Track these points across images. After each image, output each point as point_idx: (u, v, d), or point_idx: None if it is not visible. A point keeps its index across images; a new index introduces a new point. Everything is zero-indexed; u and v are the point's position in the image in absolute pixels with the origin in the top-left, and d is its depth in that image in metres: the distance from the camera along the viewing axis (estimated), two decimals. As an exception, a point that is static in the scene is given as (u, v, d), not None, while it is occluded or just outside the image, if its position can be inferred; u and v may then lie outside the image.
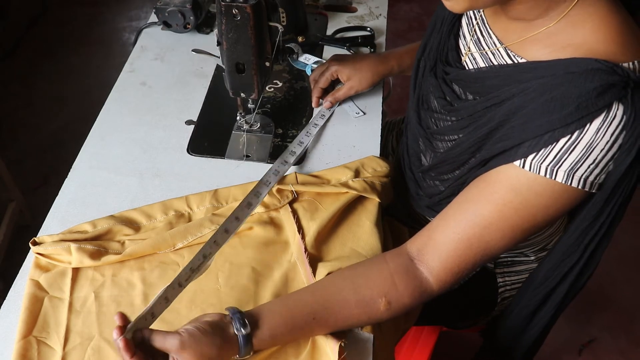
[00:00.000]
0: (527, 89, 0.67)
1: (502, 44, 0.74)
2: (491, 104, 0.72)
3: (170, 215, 0.87)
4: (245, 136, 1.01)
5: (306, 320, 0.70)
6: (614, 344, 1.65)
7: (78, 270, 0.81)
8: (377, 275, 0.73)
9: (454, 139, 0.80)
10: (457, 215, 0.72)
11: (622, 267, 1.77)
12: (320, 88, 1.06)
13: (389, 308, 0.72)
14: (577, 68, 0.63)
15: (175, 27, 1.21)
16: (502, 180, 0.69)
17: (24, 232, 1.69)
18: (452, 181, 0.82)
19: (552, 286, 0.80)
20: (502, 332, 0.93)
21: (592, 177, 0.65)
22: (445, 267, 0.73)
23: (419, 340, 1.14)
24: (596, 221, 0.71)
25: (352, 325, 0.74)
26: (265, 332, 0.68)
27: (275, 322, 0.69)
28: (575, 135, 0.63)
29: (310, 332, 0.72)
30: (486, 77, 0.75)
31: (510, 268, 1.02)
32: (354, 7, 1.31)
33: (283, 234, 0.86)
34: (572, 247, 0.75)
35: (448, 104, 0.81)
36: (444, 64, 0.83)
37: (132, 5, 2.73)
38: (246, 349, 0.67)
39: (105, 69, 2.36)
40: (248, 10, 0.80)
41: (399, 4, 2.76)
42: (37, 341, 0.73)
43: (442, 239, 0.73)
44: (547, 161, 0.65)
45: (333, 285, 0.73)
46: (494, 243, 0.71)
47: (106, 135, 1.01)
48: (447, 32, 0.84)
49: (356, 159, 0.96)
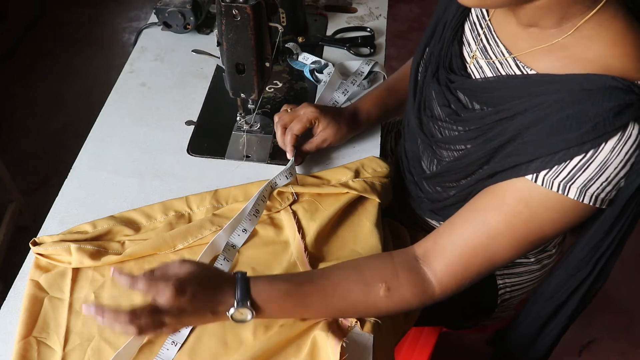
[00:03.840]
0: (540, 103, 0.66)
1: (510, 53, 0.73)
2: (502, 117, 0.70)
3: (171, 215, 0.87)
4: (245, 137, 1.01)
5: (305, 281, 0.72)
6: (614, 345, 1.65)
7: (78, 271, 0.81)
8: (380, 264, 0.75)
9: (460, 149, 0.79)
10: (465, 224, 0.72)
11: (622, 268, 1.77)
12: (296, 135, 0.91)
13: (388, 295, 0.72)
14: (593, 85, 0.62)
15: (175, 28, 1.21)
16: (513, 192, 0.69)
17: (23, 233, 1.69)
18: (457, 189, 0.82)
19: (562, 299, 0.80)
20: (512, 343, 0.93)
21: (604, 195, 0.65)
22: (449, 272, 0.73)
23: (419, 340, 1.14)
24: (607, 237, 0.71)
25: (349, 305, 0.73)
26: (264, 283, 0.69)
27: (274, 279, 0.71)
28: (590, 154, 0.62)
29: (308, 297, 0.72)
30: (495, 88, 0.73)
31: (510, 270, 1.02)
32: (353, 8, 1.31)
33: (283, 234, 0.86)
34: (583, 261, 0.75)
35: (454, 113, 0.79)
36: (447, 71, 0.81)
37: (131, 6, 2.73)
38: (242, 294, 0.67)
39: (105, 70, 2.36)
40: (248, 10, 0.80)
41: (399, 5, 2.76)
42: (37, 342, 0.73)
43: (447, 245, 0.73)
44: (560, 177, 0.64)
45: (336, 266, 0.76)
46: (500, 254, 0.71)
47: (106, 136, 1.01)
48: (450, 37, 0.82)
49: (356, 159, 0.96)
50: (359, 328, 0.75)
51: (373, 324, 0.76)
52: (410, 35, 2.60)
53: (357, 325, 0.75)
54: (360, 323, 0.75)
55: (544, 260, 1.01)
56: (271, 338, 0.73)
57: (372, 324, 0.76)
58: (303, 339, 0.74)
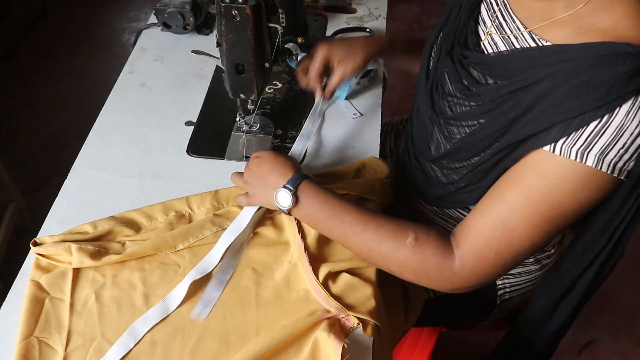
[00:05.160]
0: (555, 72, 0.66)
1: (525, 28, 0.73)
2: (517, 87, 0.71)
3: (171, 216, 0.87)
4: (245, 137, 1.02)
5: (349, 204, 0.78)
6: (613, 345, 1.65)
7: (78, 271, 0.81)
8: (418, 223, 0.77)
9: (473, 125, 0.78)
10: (484, 201, 0.73)
11: (622, 268, 1.76)
12: (318, 76, 0.99)
13: (414, 245, 0.73)
14: (608, 51, 0.63)
15: (175, 28, 1.21)
16: (530, 165, 0.69)
17: (23, 233, 1.69)
18: (467, 169, 0.81)
19: (578, 273, 0.79)
20: (525, 321, 0.91)
21: (621, 163, 0.64)
22: (470, 248, 0.72)
23: (419, 340, 1.14)
24: (623, 207, 0.70)
25: (377, 239, 0.75)
26: (315, 185, 0.79)
27: (325, 188, 0.80)
28: (605, 119, 0.63)
29: (346, 215, 0.76)
30: (509, 60, 0.74)
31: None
32: (353, 8, 1.31)
33: (283, 235, 0.86)
34: (599, 234, 0.74)
35: (466, 89, 0.79)
36: (462, 48, 0.81)
37: (131, 6, 2.73)
38: (292, 181, 0.78)
39: (105, 70, 2.36)
40: (248, 11, 0.80)
41: (399, 5, 2.76)
42: (39, 342, 0.73)
43: (469, 222, 0.74)
44: (578, 145, 0.64)
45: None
46: (519, 231, 0.69)
47: (106, 136, 1.01)
48: (467, 15, 0.83)
49: (356, 160, 0.96)
50: (361, 330, 0.75)
51: (373, 327, 0.76)
52: (410, 35, 2.60)
53: (360, 327, 0.75)
54: (362, 325, 0.75)
55: (543, 260, 1.01)
56: (273, 338, 0.73)
57: (373, 326, 0.76)
58: (304, 339, 0.74)
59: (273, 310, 0.78)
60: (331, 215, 0.77)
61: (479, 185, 0.80)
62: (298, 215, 0.81)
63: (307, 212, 0.79)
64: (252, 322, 0.76)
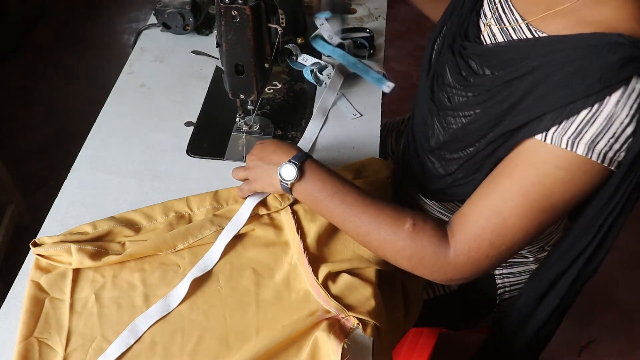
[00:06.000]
0: (549, 62, 0.67)
1: (524, 20, 0.75)
2: (512, 77, 0.72)
3: (171, 216, 0.87)
4: (245, 137, 1.02)
5: (352, 185, 0.79)
6: (613, 345, 1.65)
7: (78, 272, 0.81)
8: (417, 211, 0.78)
9: (469, 115, 0.79)
10: (479, 190, 0.74)
11: (622, 268, 1.77)
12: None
13: (411, 231, 0.74)
14: (599, 41, 0.63)
15: (175, 29, 1.21)
16: (522, 154, 0.69)
17: (23, 234, 1.69)
18: (463, 160, 0.82)
19: (562, 269, 0.79)
20: (508, 320, 0.90)
21: (612, 153, 0.65)
22: (464, 237, 0.72)
23: (419, 341, 1.14)
24: (611, 200, 0.70)
25: (376, 223, 0.75)
26: (318, 164, 0.80)
27: (329, 169, 0.81)
28: (595, 108, 0.63)
29: (347, 195, 0.77)
30: (504, 51, 0.75)
31: (509, 269, 1.02)
32: (353, 9, 1.31)
33: (283, 236, 0.86)
34: (586, 228, 0.74)
35: (464, 79, 0.80)
36: (462, 39, 0.83)
37: (131, 7, 2.73)
38: (297, 157, 0.79)
39: (105, 71, 2.36)
40: (247, 11, 0.81)
41: (399, 5, 2.75)
42: (39, 342, 0.73)
43: (464, 211, 0.74)
44: (569, 134, 0.65)
45: None
46: (512, 221, 0.70)
47: (106, 137, 1.01)
48: (469, 7, 0.84)
49: (356, 160, 0.96)
50: (361, 330, 0.75)
51: (373, 327, 0.76)
52: (409, 36, 2.60)
53: (360, 327, 0.75)
54: (362, 325, 0.75)
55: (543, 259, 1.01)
56: (272, 338, 0.73)
57: (372, 326, 0.76)
58: (304, 340, 0.74)
59: (273, 310, 0.78)
60: (333, 193, 0.77)
61: (475, 176, 0.80)
62: (299, 191, 0.80)
63: (309, 188, 0.79)
64: (252, 323, 0.76)
